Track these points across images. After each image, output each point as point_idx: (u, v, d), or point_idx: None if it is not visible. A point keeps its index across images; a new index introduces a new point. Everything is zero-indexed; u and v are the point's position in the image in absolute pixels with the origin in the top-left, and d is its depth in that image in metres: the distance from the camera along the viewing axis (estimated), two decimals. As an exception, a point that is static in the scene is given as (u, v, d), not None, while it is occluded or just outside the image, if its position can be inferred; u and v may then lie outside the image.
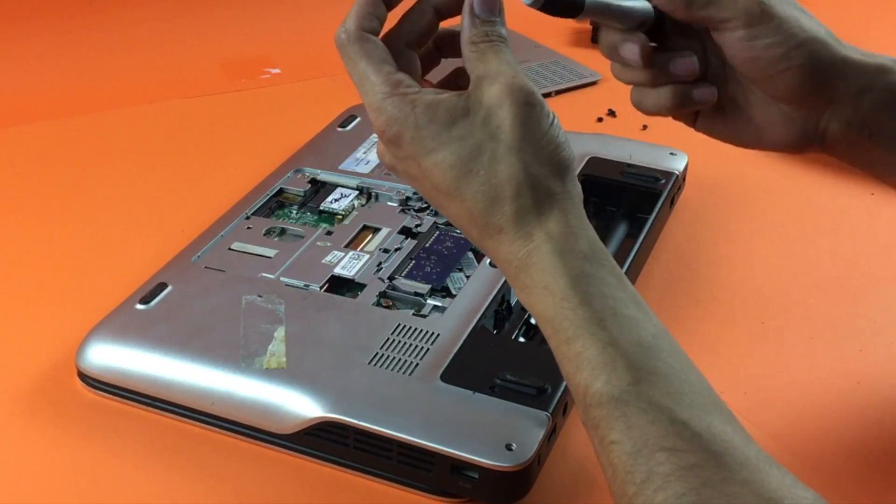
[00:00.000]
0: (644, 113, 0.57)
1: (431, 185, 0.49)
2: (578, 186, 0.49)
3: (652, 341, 0.45)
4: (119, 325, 0.65)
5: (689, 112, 0.58)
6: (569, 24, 1.23)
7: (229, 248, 0.72)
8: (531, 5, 0.50)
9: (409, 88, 0.49)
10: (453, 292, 0.68)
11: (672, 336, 0.46)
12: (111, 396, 0.64)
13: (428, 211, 0.77)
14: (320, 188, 0.81)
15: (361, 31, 0.50)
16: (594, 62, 1.12)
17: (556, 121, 0.49)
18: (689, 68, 0.55)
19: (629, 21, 0.54)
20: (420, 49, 0.54)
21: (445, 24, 0.55)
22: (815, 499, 0.40)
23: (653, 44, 0.55)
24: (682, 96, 0.56)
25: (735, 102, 0.57)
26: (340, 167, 0.82)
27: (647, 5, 0.54)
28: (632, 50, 0.54)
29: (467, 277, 0.69)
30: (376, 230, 0.75)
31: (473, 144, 0.47)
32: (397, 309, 0.67)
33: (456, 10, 0.52)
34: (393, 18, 0.53)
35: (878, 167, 0.56)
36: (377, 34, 0.51)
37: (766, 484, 0.40)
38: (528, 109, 0.48)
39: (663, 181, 0.81)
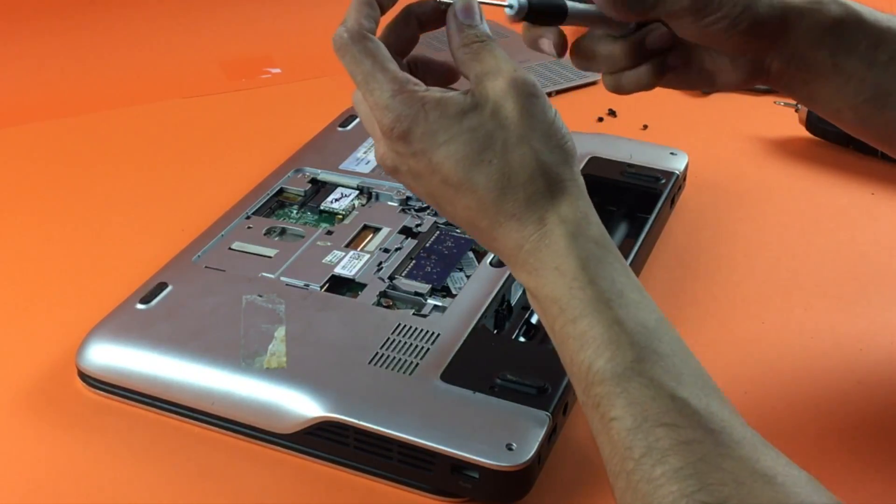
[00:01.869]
0: (622, 94, 0.59)
1: (441, 178, 0.49)
2: (580, 175, 0.51)
3: (655, 325, 0.46)
4: (119, 324, 0.65)
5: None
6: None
7: (229, 248, 0.72)
8: (514, 16, 0.52)
9: (416, 86, 0.50)
10: (453, 292, 0.68)
11: (672, 325, 0.48)
12: (111, 396, 0.64)
13: (428, 211, 0.77)
14: (320, 188, 0.81)
15: (363, 30, 0.51)
16: (594, 62, 1.12)
17: (557, 112, 0.50)
18: (668, 39, 0.57)
19: (611, 25, 0.55)
20: (402, 60, 0.55)
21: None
22: (808, 479, 0.42)
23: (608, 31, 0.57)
24: (660, 67, 0.58)
25: (687, 57, 0.59)
26: (341, 167, 0.82)
27: None
28: (547, 44, 0.56)
29: (468, 277, 0.69)
30: (377, 230, 0.75)
31: (484, 135, 0.48)
32: (397, 309, 0.67)
33: (435, 23, 0.54)
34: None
35: (816, 100, 0.58)
36: (375, 34, 0.52)
37: (761, 461, 0.41)
38: (534, 100, 0.49)
39: (663, 181, 0.81)
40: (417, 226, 0.75)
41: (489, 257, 0.70)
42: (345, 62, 0.51)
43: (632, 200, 0.80)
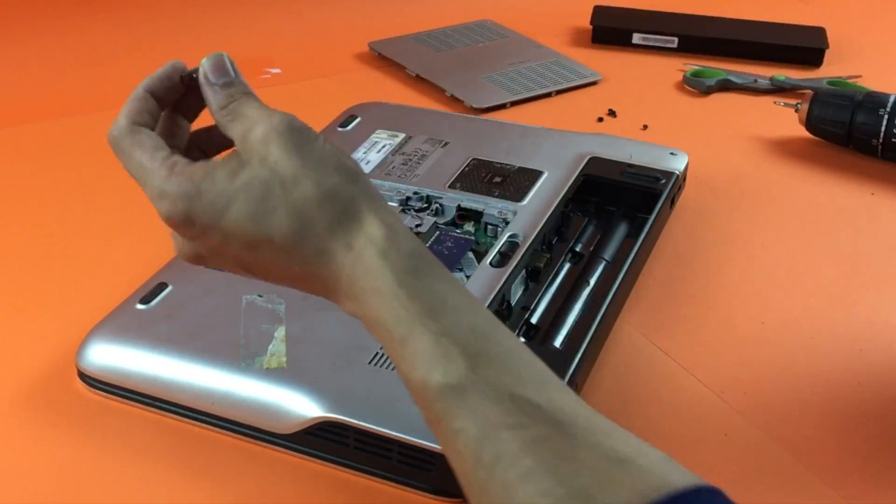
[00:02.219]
0: None
1: (240, 244, 0.48)
2: (374, 186, 0.49)
3: (484, 326, 0.45)
4: (119, 325, 0.65)
5: None
6: (569, 23, 1.23)
7: (229, 248, 0.72)
8: None
9: (184, 167, 0.50)
10: (453, 292, 0.68)
11: (500, 322, 0.47)
12: (111, 396, 0.64)
13: (428, 211, 0.77)
14: (320, 188, 0.80)
15: (133, 124, 0.52)
16: (594, 62, 1.12)
17: (325, 137, 0.50)
18: None
19: None
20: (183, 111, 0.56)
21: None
22: (665, 458, 0.41)
23: None
24: None
25: None
26: (340, 167, 0.82)
27: None
28: None
29: (467, 277, 0.69)
30: (376, 230, 0.75)
31: (259, 185, 0.48)
32: (397, 309, 0.67)
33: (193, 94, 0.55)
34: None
35: None
36: (151, 128, 0.53)
37: (615, 447, 0.41)
38: (296, 134, 0.48)
39: (663, 181, 0.81)
40: (417, 226, 0.75)
41: (489, 257, 0.70)
42: (120, 159, 0.52)
43: (632, 200, 0.80)
